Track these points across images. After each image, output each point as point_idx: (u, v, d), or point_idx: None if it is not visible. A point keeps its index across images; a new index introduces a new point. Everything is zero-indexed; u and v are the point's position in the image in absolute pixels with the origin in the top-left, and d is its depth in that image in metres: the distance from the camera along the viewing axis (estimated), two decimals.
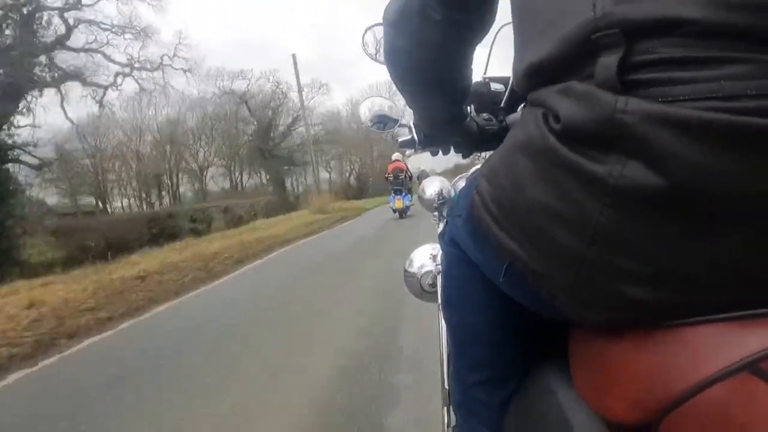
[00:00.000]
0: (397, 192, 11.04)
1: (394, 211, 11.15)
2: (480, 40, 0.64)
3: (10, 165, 13.17)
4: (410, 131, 0.92)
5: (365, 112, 0.95)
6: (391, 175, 11.20)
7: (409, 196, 11.17)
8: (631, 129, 0.37)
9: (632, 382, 0.41)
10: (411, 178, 11.38)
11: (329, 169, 37.37)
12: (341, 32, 53.16)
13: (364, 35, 0.90)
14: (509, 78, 0.91)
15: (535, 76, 0.47)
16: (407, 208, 11.11)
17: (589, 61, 0.41)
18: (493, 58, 0.95)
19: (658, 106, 0.37)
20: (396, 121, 0.94)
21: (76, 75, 19.16)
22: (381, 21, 0.67)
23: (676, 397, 0.37)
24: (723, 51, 0.36)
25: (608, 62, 0.39)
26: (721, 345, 0.37)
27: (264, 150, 30.35)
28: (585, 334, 0.49)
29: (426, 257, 1.17)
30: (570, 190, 0.41)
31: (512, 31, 0.53)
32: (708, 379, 0.35)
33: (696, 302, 0.39)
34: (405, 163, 10.74)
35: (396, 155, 10.86)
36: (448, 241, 0.69)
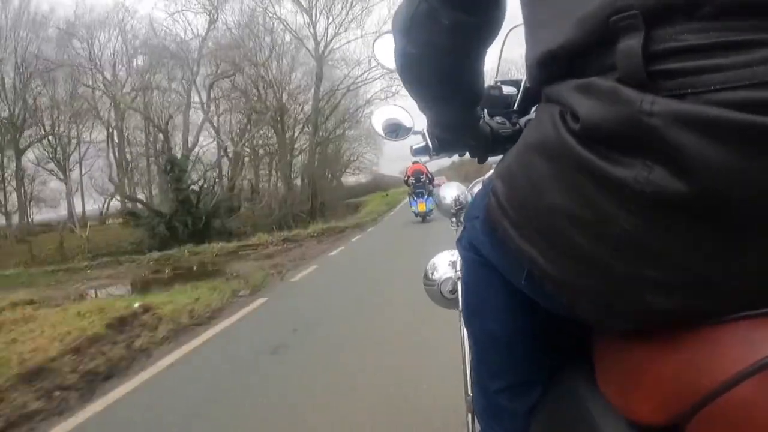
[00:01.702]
0: (419, 195, 11.06)
1: (417, 215, 11.12)
2: (490, 43, 0.63)
3: None
4: (424, 138, 0.92)
5: (377, 121, 0.95)
6: (412, 178, 11.21)
7: (431, 199, 11.12)
8: (657, 132, 0.36)
9: (658, 383, 0.41)
10: (432, 180, 11.39)
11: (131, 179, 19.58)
12: None
13: (374, 44, 0.91)
14: (521, 81, 0.90)
15: (549, 65, 0.45)
16: (430, 211, 11.02)
17: (607, 49, 0.39)
18: (503, 62, 0.94)
19: (686, 106, 0.35)
20: (409, 129, 0.94)
21: None
22: (390, 29, 0.68)
23: (704, 397, 0.36)
24: (751, 33, 0.35)
25: (629, 49, 0.37)
26: (747, 342, 0.37)
27: None
28: (608, 336, 0.49)
29: (445, 264, 1.17)
30: (592, 194, 0.40)
31: (523, 27, 0.52)
32: (735, 377, 0.35)
33: (721, 308, 0.38)
34: (425, 165, 10.72)
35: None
36: (467, 245, 0.68)
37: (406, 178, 11.67)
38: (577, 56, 0.42)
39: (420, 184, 11.05)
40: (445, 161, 1.02)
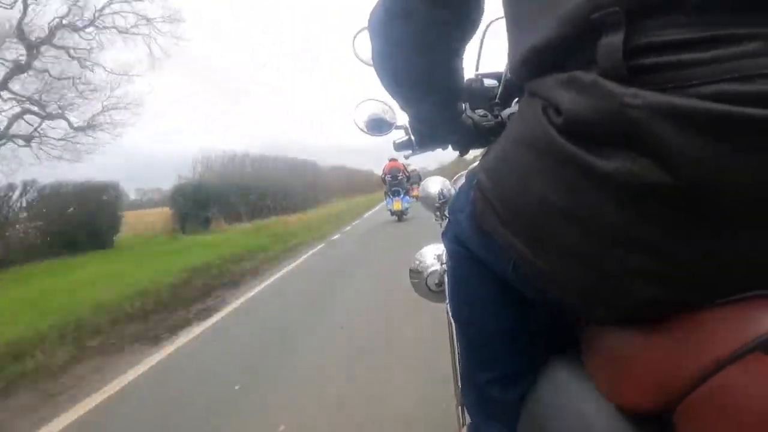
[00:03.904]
0: (395, 193, 10.78)
1: (392, 213, 10.85)
2: (469, 38, 0.62)
3: None
4: (406, 132, 0.92)
5: (359, 117, 0.94)
6: (388, 176, 10.91)
7: (408, 197, 10.82)
8: (640, 125, 0.36)
9: (646, 370, 0.41)
10: (410, 178, 11.06)
11: None
12: None
13: (354, 39, 0.90)
14: (502, 73, 0.91)
15: (533, 63, 0.46)
16: (406, 210, 10.77)
17: (589, 45, 0.39)
18: (484, 55, 0.94)
19: (668, 98, 0.36)
20: (391, 124, 0.94)
21: None
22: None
23: (691, 382, 0.37)
24: (732, 28, 0.35)
25: (611, 45, 0.37)
26: (732, 326, 0.37)
27: None
28: (596, 325, 0.49)
29: (431, 257, 1.16)
30: (576, 187, 0.40)
31: (503, 22, 0.52)
32: (722, 361, 0.35)
33: (708, 296, 0.39)
34: (402, 163, 10.61)
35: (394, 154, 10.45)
36: (452, 238, 0.68)
37: (383, 176, 11.35)
38: (560, 52, 0.42)
39: (396, 182, 10.76)
40: (447, 158, 1.01)
